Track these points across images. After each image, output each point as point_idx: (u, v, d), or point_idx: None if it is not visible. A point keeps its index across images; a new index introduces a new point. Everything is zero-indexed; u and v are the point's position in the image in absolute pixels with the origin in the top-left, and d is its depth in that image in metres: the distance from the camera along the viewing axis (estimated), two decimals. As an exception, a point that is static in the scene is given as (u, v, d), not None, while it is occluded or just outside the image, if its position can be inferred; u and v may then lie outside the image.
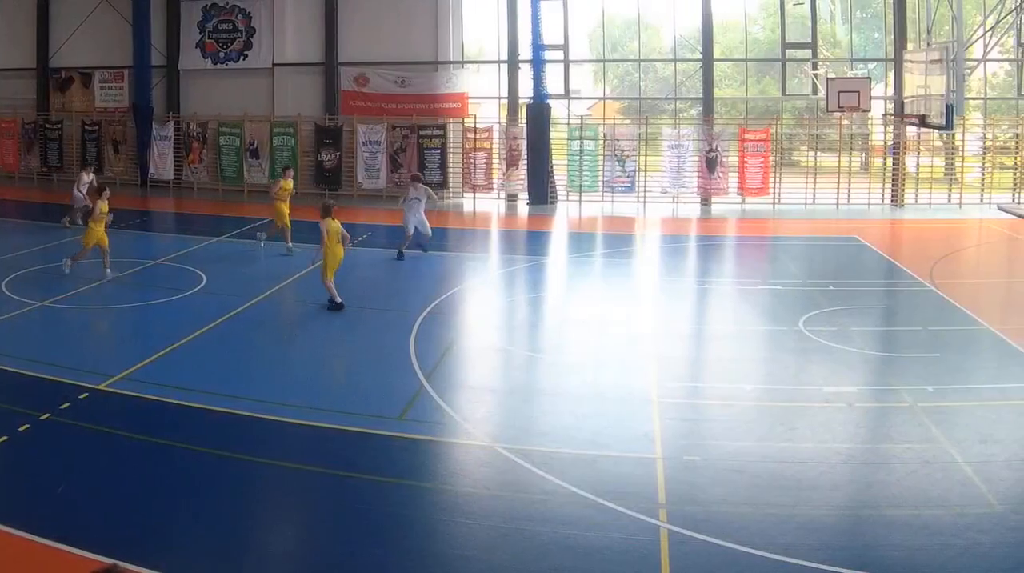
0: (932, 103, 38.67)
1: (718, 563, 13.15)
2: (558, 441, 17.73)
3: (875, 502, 15.23)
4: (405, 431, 18.12)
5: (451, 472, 16.96)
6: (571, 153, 49.56)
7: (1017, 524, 14.05)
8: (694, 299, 29.11)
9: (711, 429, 18.51)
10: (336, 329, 25.51)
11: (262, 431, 18.11)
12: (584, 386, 20.97)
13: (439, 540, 13.97)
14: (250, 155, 51.81)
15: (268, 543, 14.11)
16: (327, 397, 19.88)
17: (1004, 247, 39.06)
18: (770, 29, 57.10)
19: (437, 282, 30.32)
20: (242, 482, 15.85)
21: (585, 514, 14.60)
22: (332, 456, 17.11)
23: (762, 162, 48.19)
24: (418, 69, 50.87)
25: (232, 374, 21.31)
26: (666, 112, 54.58)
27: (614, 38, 55.86)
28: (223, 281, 30.04)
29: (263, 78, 52.59)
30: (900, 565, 13.03)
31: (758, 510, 14.79)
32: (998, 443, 17.30)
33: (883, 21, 51.35)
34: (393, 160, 50.33)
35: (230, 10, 52.87)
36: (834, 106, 45.37)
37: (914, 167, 49.79)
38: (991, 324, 25.14)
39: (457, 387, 21.18)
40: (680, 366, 22.79)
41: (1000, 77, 55.14)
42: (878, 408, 19.62)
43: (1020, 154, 49.04)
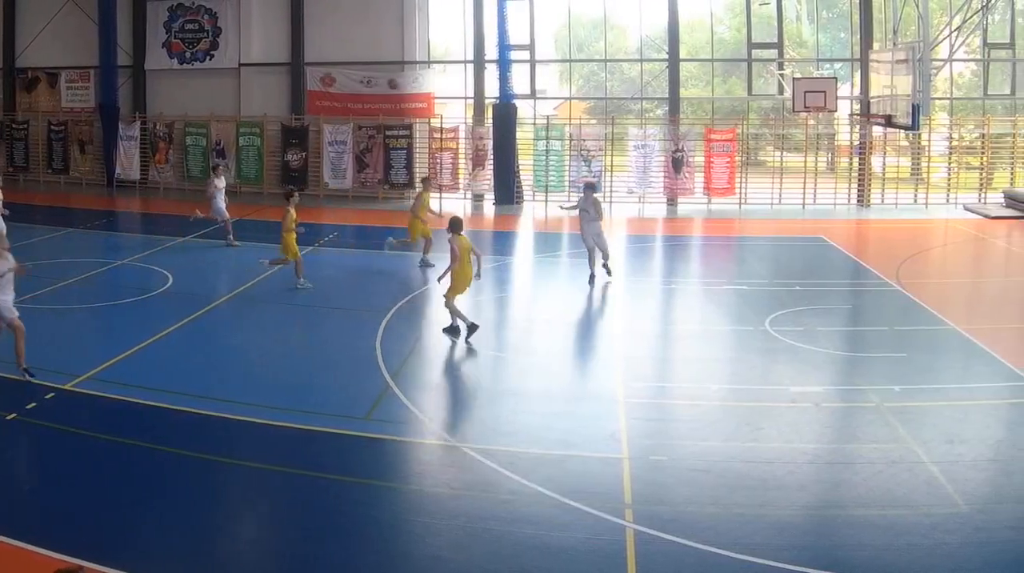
0: (898, 103, 38.78)
1: (684, 563, 13.21)
2: (524, 441, 17.78)
3: (841, 502, 15.33)
4: (371, 431, 18.20)
5: (417, 472, 17.03)
6: (537, 153, 49.59)
7: (983, 524, 14.12)
8: (660, 299, 29.13)
9: (677, 429, 18.60)
10: (302, 329, 25.52)
11: (228, 431, 18.12)
12: (550, 386, 21.09)
13: (405, 540, 13.97)
14: (216, 155, 51.53)
15: (234, 543, 14.12)
16: (293, 397, 19.87)
17: (970, 247, 39.17)
18: (736, 29, 57.21)
19: (403, 282, 30.31)
20: (208, 482, 15.88)
21: (551, 514, 14.66)
22: (298, 456, 17.15)
23: (728, 162, 48.19)
24: (384, 69, 50.87)
25: (198, 374, 21.33)
26: (632, 112, 54.52)
27: (580, 38, 55.99)
28: (189, 281, 30.02)
29: (229, 78, 52.46)
30: (866, 565, 13.10)
31: (724, 510, 14.85)
32: (964, 443, 17.39)
33: (849, 21, 51.33)
34: (359, 160, 50.28)
35: (196, 10, 52.73)
36: (800, 106, 45.46)
37: (880, 167, 49.82)
38: (957, 324, 25.22)
39: (423, 387, 21.28)
40: (646, 366, 22.85)
41: (966, 77, 55.46)
42: (844, 408, 19.71)
43: (986, 154, 49.11)
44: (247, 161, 51.15)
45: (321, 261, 33.75)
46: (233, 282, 29.64)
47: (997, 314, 27.39)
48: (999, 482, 15.89)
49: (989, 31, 49.94)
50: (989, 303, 29.20)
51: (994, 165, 50.04)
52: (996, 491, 15.51)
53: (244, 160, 51.17)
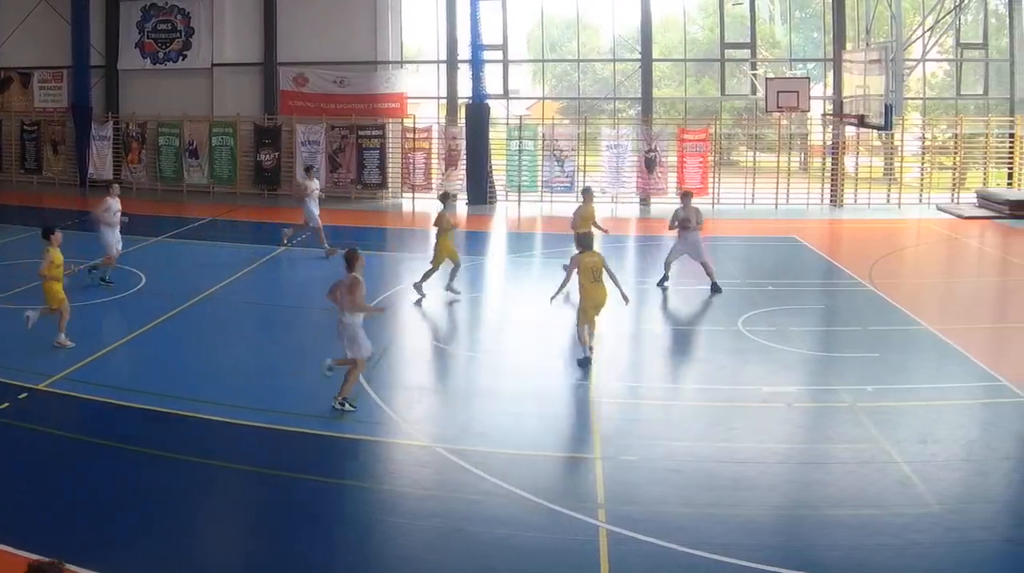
0: (871, 103, 38.91)
1: (657, 563, 13.20)
2: (497, 441, 17.80)
3: (814, 502, 15.35)
4: (343, 431, 18.17)
5: (389, 472, 17.02)
6: (510, 153, 49.68)
7: (955, 524, 14.14)
8: (633, 299, 29.04)
9: (650, 429, 18.60)
10: (275, 329, 25.50)
11: (201, 431, 18.10)
12: (523, 386, 21.08)
13: (377, 540, 14.02)
14: (189, 155, 51.63)
15: (206, 542, 14.09)
16: (266, 397, 19.88)
17: (943, 247, 39.30)
18: (709, 29, 57.27)
19: (376, 282, 30.09)
20: (181, 482, 15.83)
21: (524, 514, 14.67)
22: (270, 456, 17.16)
23: (701, 162, 48.29)
24: (357, 69, 50.91)
25: (172, 374, 21.27)
26: (605, 112, 54.65)
27: (553, 38, 55.98)
28: (162, 281, 30.01)
29: (202, 78, 52.39)
30: (838, 565, 13.12)
31: (697, 510, 14.86)
32: (937, 443, 17.42)
33: (822, 21, 51.44)
34: (332, 160, 50.33)
35: (169, 10, 52.66)
36: (773, 106, 45.63)
37: (853, 167, 49.95)
38: (930, 324, 25.26)
39: (395, 387, 21.27)
40: (619, 366, 22.84)
41: (939, 77, 55.63)
42: (817, 408, 19.72)
43: (959, 154, 49.27)
44: (220, 161, 51.13)
45: (293, 261, 33.81)
46: (205, 282, 29.51)
47: (970, 314, 27.44)
48: (972, 482, 15.91)
49: (962, 31, 50.23)
50: (962, 303, 29.24)
51: (967, 165, 50.30)
52: (968, 491, 15.53)
53: (217, 160, 51.16)
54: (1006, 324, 26.77)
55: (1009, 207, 44.01)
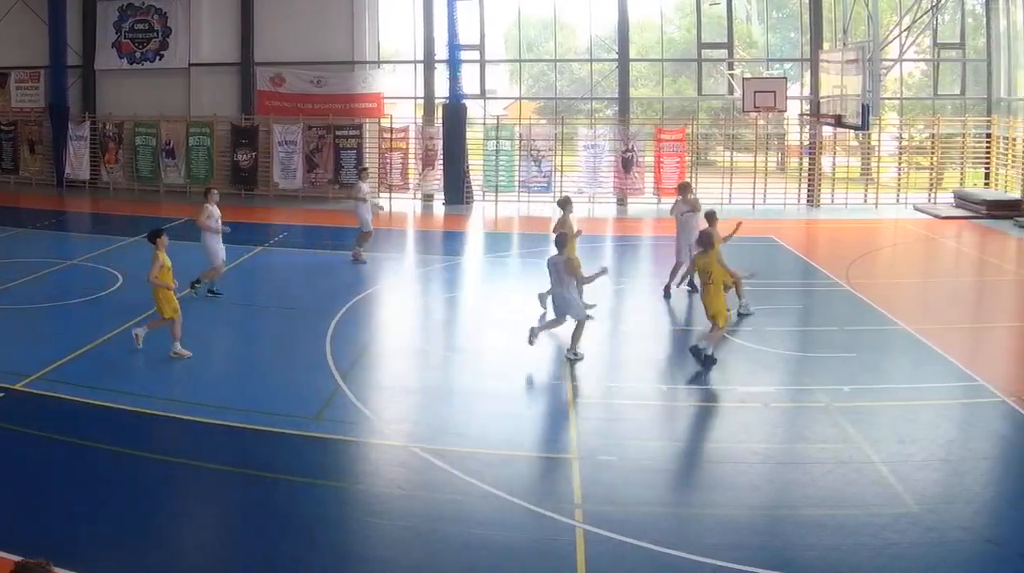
0: (848, 103, 38.97)
1: (634, 563, 13.20)
2: (474, 441, 17.76)
3: (791, 502, 15.34)
4: (321, 431, 18.14)
5: (367, 472, 16.99)
6: (487, 153, 49.65)
7: (933, 524, 14.14)
8: (610, 299, 29.06)
9: (627, 429, 18.60)
10: (252, 329, 25.50)
11: (178, 431, 18.07)
12: (500, 386, 21.04)
13: (355, 540, 14.01)
14: (166, 155, 51.61)
15: (184, 543, 14.01)
16: (243, 397, 19.83)
17: (920, 247, 39.32)
18: (686, 29, 57.36)
19: (353, 282, 30.20)
20: (158, 482, 15.79)
21: (501, 514, 14.66)
22: (248, 456, 17.11)
23: (678, 162, 48.40)
24: (334, 69, 50.91)
25: (148, 374, 21.31)
26: (582, 112, 54.71)
27: (530, 38, 55.99)
28: (139, 281, 29.57)
29: (179, 78, 52.32)
30: (816, 565, 13.12)
31: (674, 510, 14.94)
32: (914, 443, 17.42)
33: (799, 21, 51.64)
34: (309, 160, 50.32)
35: (146, 10, 52.58)
36: (750, 106, 45.63)
37: (830, 167, 50.07)
38: (907, 324, 25.28)
39: (373, 387, 21.21)
40: (596, 366, 22.78)
41: (916, 77, 55.77)
42: (794, 408, 19.71)
43: (936, 154, 49.40)
44: (197, 161, 51.08)
45: (271, 261, 33.81)
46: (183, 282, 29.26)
47: (947, 314, 27.43)
48: (949, 482, 15.90)
49: (939, 31, 50.32)
50: (939, 303, 29.23)
51: (944, 165, 50.37)
52: (946, 491, 15.51)
53: (194, 160, 51.11)
54: (983, 324, 26.77)
55: (986, 207, 44.15)
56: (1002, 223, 42.32)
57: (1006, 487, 16.06)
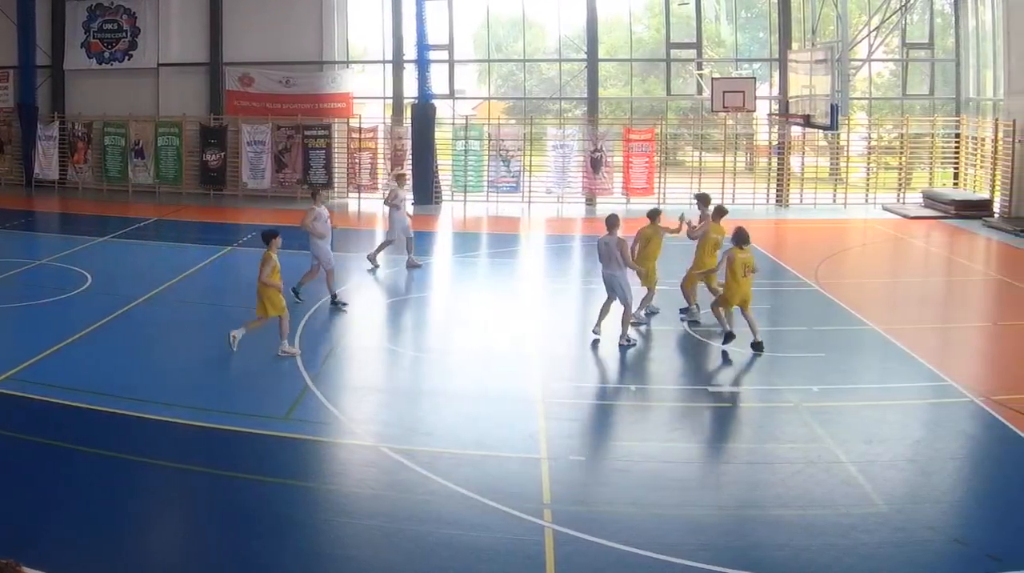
0: (817, 103, 39.09)
1: (603, 563, 13.22)
2: (443, 441, 17.78)
3: (760, 502, 15.37)
4: (290, 431, 18.13)
5: (336, 472, 16.99)
6: (456, 153, 49.74)
7: (901, 524, 14.19)
8: (579, 299, 29.10)
9: (596, 429, 18.78)
10: (221, 329, 25.29)
11: (147, 431, 18.00)
12: (469, 386, 21.12)
13: (324, 540, 13.97)
14: (135, 155, 51.52)
15: (153, 543, 14.02)
16: (212, 397, 19.81)
17: (889, 247, 39.49)
18: (655, 29, 57.17)
19: (322, 282, 30.03)
20: (127, 482, 15.76)
21: (470, 514, 14.65)
22: (217, 456, 17.09)
23: (647, 162, 48.52)
24: (303, 69, 50.93)
25: (118, 374, 21.16)
26: (551, 112, 54.81)
27: (499, 38, 55.80)
28: (108, 281, 29.86)
29: (148, 78, 52.26)
30: (785, 565, 13.15)
31: (643, 510, 14.88)
32: (883, 443, 17.49)
33: (768, 21, 51.65)
34: (278, 160, 50.31)
35: (115, 10, 52.46)
36: (719, 106, 45.75)
37: (799, 167, 50.27)
38: (876, 324, 25.36)
39: (342, 387, 21.24)
40: (565, 366, 22.83)
41: (885, 77, 55.77)
42: (763, 408, 19.79)
43: (905, 154, 49.60)
44: (166, 161, 51.05)
45: (239, 261, 33.66)
46: (151, 282, 29.38)
47: (916, 314, 27.56)
48: (917, 482, 15.97)
49: (908, 31, 50.63)
50: (908, 303, 29.36)
51: (912, 165, 50.57)
52: (914, 491, 15.59)
53: (163, 160, 51.07)
54: (952, 324, 26.84)
55: (955, 207, 44.36)
56: (971, 223, 42.53)
57: (974, 487, 16.16)
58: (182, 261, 32.69)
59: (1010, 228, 40.26)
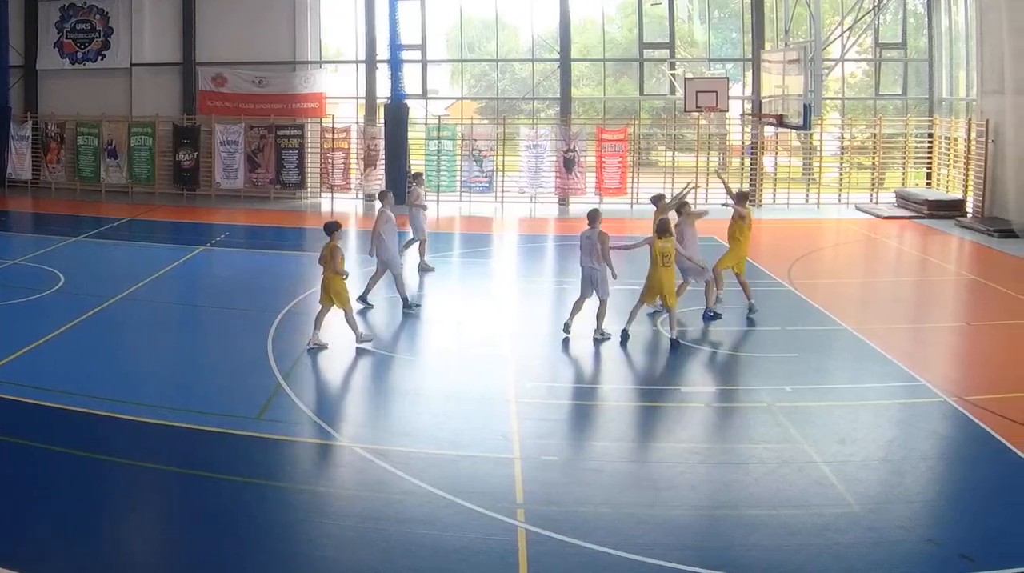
0: (790, 103, 39.06)
1: (576, 563, 13.23)
2: (416, 441, 17.81)
3: (733, 502, 15.37)
4: (263, 431, 18.11)
5: (308, 472, 16.96)
6: (429, 153, 49.73)
7: (874, 524, 14.20)
8: (552, 299, 29.16)
9: (569, 429, 18.77)
10: (194, 329, 25.41)
11: (119, 431, 17.97)
12: (442, 386, 21.13)
13: (296, 540, 13.90)
14: (108, 155, 51.39)
15: (125, 543, 13.98)
16: (185, 397, 19.77)
17: (862, 247, 39.57)
18: (628, 29, 57.14)
19: (295, 282, 30.14)
20: (99, 482, 15.72)
21: (443, 514, 14.64)
22: (189, 456, 17.03)
23: (620, 162, 48.58)
24: (276, 69, 50.85)
25: (90, 374, 21.10)
26: (524, 112, 54.86)
27: (471, 38, 55.72)
28: (81, 281, 29.82)
29: (121, 78, 52.11)
30: (758, 565, 13.16)
31: (616, 510, 14.89)
32: (856, 443, 17.52)
33: (741, 21, 51.76)
34: (251, 160, 50.23)
35: (88, 10, 52.31)
36: (692, 106, 45.81)
37: (772, 167, 50.44)
38: (849, 324, 25.41)
39: (315, 387, 21.31)
40: (538, 366, 22.83)
41: (858, 77, 55.82)
42: (736, 408, 19.85)
43: (878, 154, 49.75)
44: (139, 161, 50.96)
45: (212, 261, 33.80)
46: (124, 282, 29.33)
47: (889, 314, 27.60)
48: (890, 482, 15.98)
49: (880, 31, 50.77)
50: (881, 303, 29.36)
51: (885, 165, 50.71)
52: (887, 491, 15.60)
53: (136, 160, 50.98)
54: (925, 324, 26.85)
55: (928, 207, 44.50)
56: (944, 223, 42.66)
57: (946, 487, 16.21)
58: (155, 261, 32.69)
59: (983, 228, 40.34)
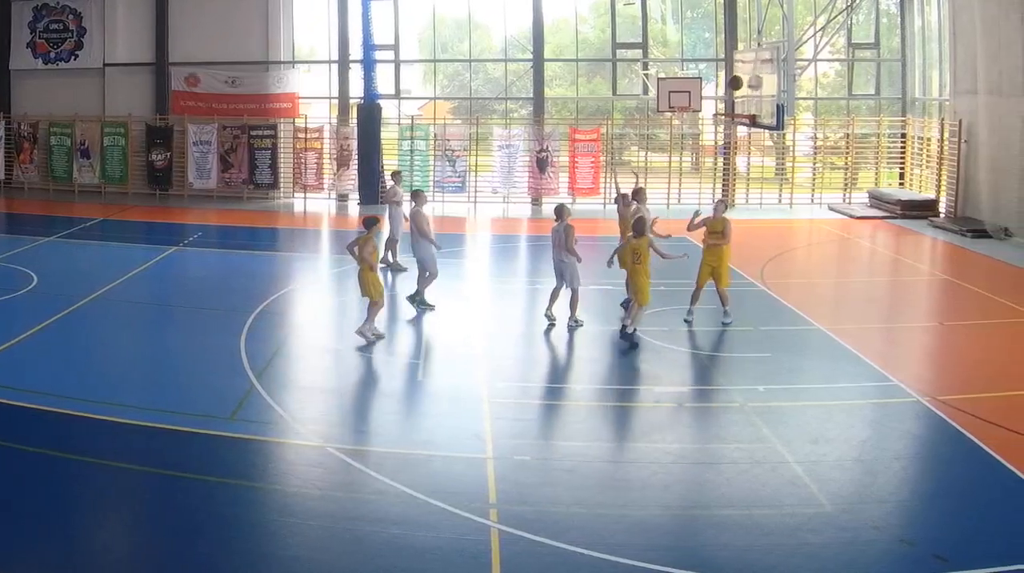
0: (763, 103, 38.99)
1: (548, 563, 13.23)
2: (389, 441, 17.88)
3: (706, 502, 15.41)
4: (235, 431, 18.07)
5: (281, 472, 16.90)
6: (402, 153, 49.76)
7: (846, 524, 14.23)
8: (525, 299, 29.21)
9: (542, 429, 18.76)
10: (166, 329, 25.38)
11: (92, 431, 17.91)
12: (415, 386, 21.15)
13: (269, 540, 13.92)
14: (81, 155, 51.27)
15: (97, 543, 13.92)
16: (157, 397, 19.69)
17: (835, 247, 39.72)
18: (600, 29, 57.17)
19: (268, 282, 30.13)
20: (71, 482, 15.66)
21: (416, 514, 14.63)
22: (162, 456, 16.95)
23: (593, 162, 48.68)
24: (249, 69, 50.76)
25: (63, 374, 21.03)
26: (497, 112, 54.87)
27: (444, 38, 55.72)
28: (54, 281, 29.72)
29: (94, 78, 51.95)
30: (730, 565, 13.16)
31: (589, 510, 14.89)
32: (828, 443, 17.54)
33: (714, 21, 51.84)
34: (224, 160, 50.17)
35: (61, 10, 52.15)
36: (665, 106, 45.68)
37: (745, 167, 50.62)
38: (822, 324, 25.48)
39: (288, 387, 21.15)
40: (511, 366, 22.89)
41: (831, 77, 55.93)
42: (709, 408, 19.86)
43: (850, 154, 49.93)
44: (111, 161, 50.85)
45: (185, 261, 33.73)
46: (97, 282, 29.29)
47: (862, 314, 27.66)
48: (863, 482, 16.00)
49: (853, 31, 50.95)
50: (854, 303, 29.46)
51: (858, 165, 50.86)
52: (860, 491, 15.62)
53: (108, 160, 50.89)
54: (897, 324, 26.92)
55: (901, 207, 44.67)
56: (917, 223, 42.82)
57: (919, 487, 16.26)
58: (128, 261, 32.64)
59: (956, 228, 40.49)
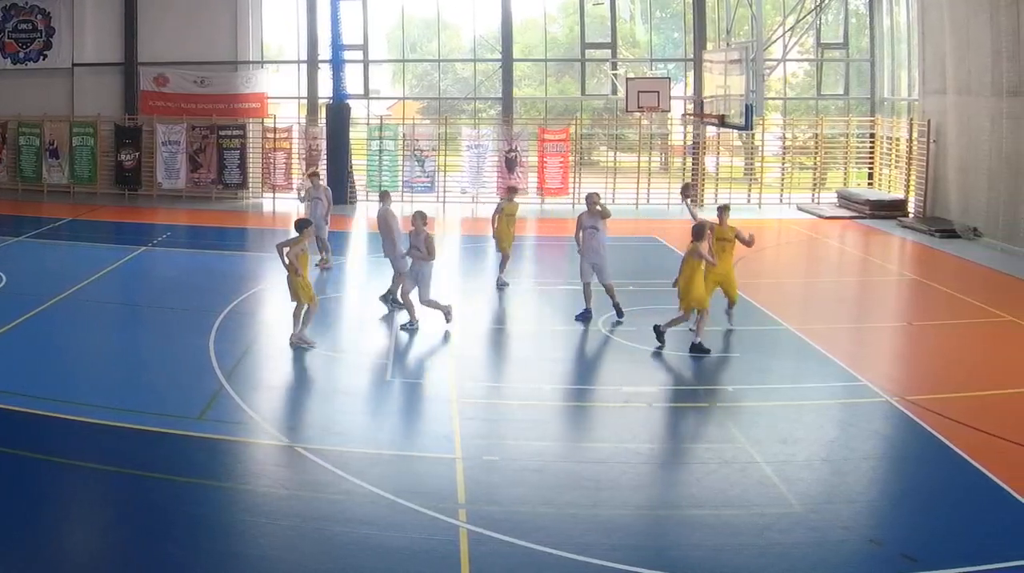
0: (732, 103, 39.06)
1: (517, 563, 13.22)
2: (357, 441, 17.86)
3: (675, 502, 15.46)
4: (204, 431, 18.02)
5: (250, 472, 16.86)
6: (371, 153, 49.85)
7: (816, 524, 14.25)
8: (493, 299, 29.17)
9: (510, 429, 18.66)
10: (135, 329, 25.34)
11: (59, 431, 17.80)
12: (384, 386, 21.16)
13: (237, 540, 13.90)
14: (49, 155, 51.11)
15: (64, 544, 13.79)
16: (125, 397, 19.60)
17: (804, 247, 39.87)
18: (569, 28, 57.35)
19: (237, 282, 30.12)
20: (38, 482, 15.57)
21: (384, 514, 14.63)
22: (129, 456, 16.87)
23: (561, 162, 48.89)
24: (217, 69, 50.69)
25: (31, 374, 20.92)
26: (465, 112, 55.04)
27: (413, 38, 55.89)
28: (22, 281, 29.68)
29: (63, 78, 51.76)
30: (700, 565, 13.15)
31: (558, 510, 14.89)
32: (797, 443, 17.57)
33: (683, 21, 52.09)
34: (193, 160, 50.09)
35: (29, 10, 51.93)
36: (633, 106, 45.88)
37: (714, 167, 50.70)
38: (791, 324, 25.58)
39: (257, 387, 21.10)
40: (479, 366, 22.97)
41: (799, 77, 56.27)
42: (678, 408, 19.89)
43: (819, 154, 50.04)
44: (80, 161, 50.72)
45: (154, 261, 33.70)
46: (67, 282, 29.19)
47: (830, 314, 27.78)
48: (832, 482, 16.03)
49: (822, 31, 51.04)
50: (823, 303, 29.63)
51: (827, 165, 50.99)
52: (829, 491, 15.65)
53: (77, 160, 50.75)
54: (866, 324, 27.05)
55: (869, 207, 44.84)
56: (886, 223, 43.03)
57: (888, 487, 16.28)
58: (97, 261, 32.55)
59: (925, 228, 40.62)
